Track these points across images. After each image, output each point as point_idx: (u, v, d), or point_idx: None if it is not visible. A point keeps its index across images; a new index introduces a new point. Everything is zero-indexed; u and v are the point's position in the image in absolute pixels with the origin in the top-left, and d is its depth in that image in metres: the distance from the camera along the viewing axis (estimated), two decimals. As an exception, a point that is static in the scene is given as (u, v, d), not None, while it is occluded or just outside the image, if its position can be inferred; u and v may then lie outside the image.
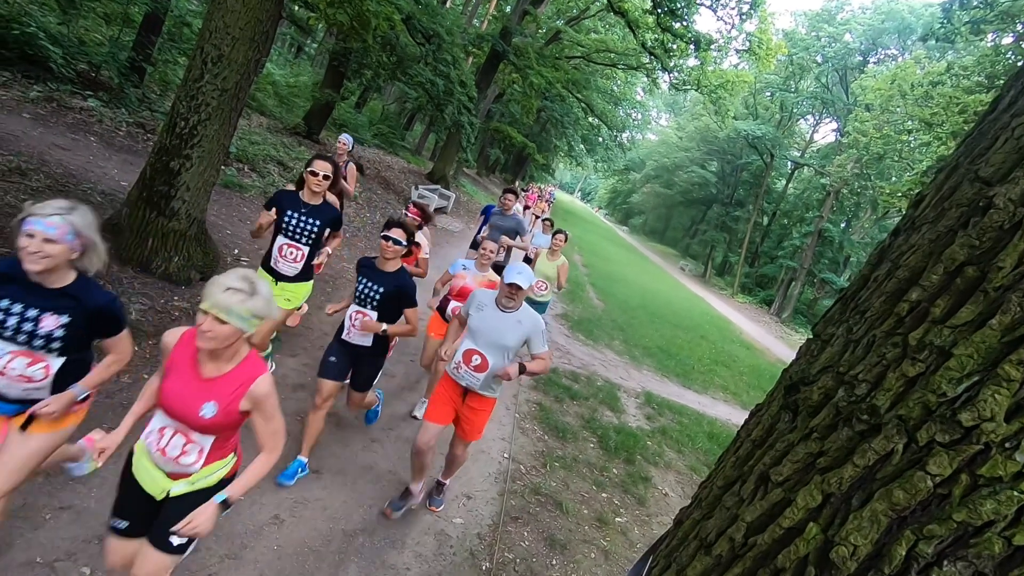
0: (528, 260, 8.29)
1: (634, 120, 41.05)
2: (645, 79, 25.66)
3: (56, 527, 2.52)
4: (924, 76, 21.39)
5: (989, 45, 17.22)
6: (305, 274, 3.81)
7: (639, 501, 4.76)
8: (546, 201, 23.82)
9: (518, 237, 6.75)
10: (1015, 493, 0.80)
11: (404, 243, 3.24)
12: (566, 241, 6.38)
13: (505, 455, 4.68)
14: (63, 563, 2.38)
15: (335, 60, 14.40)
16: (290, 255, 3.66)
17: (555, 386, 6.46)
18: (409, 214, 4.57)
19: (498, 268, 6.70)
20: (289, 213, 3.60)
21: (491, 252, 4.25)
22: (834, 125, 35.59)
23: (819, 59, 32.91)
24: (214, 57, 4.66)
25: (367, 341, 3.38)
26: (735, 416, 8.45)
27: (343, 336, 3.40)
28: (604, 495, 4.64)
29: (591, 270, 18.21)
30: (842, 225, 33.88)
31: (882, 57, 32.64)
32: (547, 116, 30.76)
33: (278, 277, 3.70)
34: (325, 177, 3.61)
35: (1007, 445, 0.83)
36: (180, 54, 10.48)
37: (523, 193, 20.99)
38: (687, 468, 5.78)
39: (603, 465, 5.11)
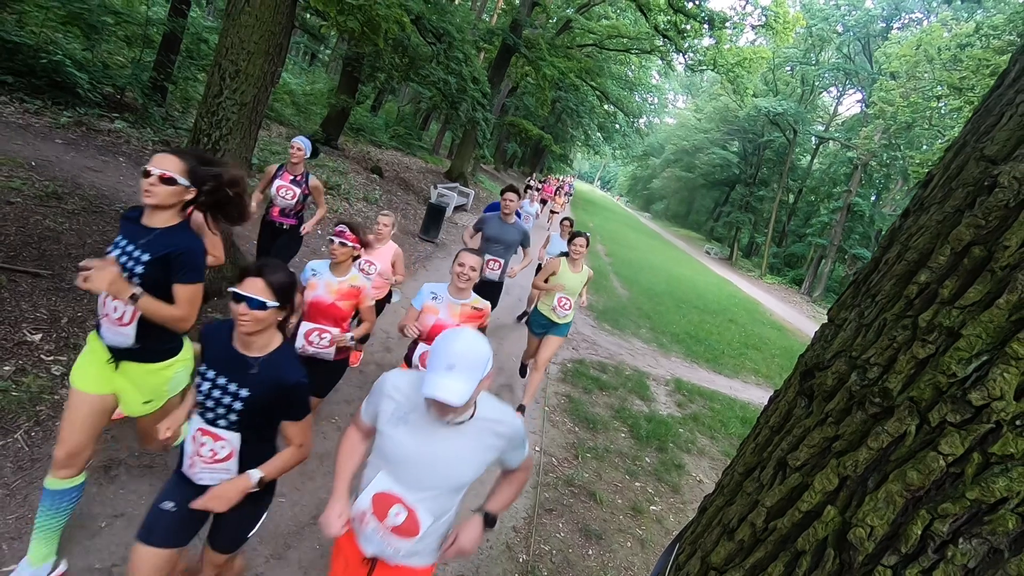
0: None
1: (651, 104, 40.58)
2: (660, 62, 25.42)
3: (112, 534, 2.65)
4: (951, 39, 20.68)
5: (1020, 1, 16.54)
6: (157, 348, 2.30)
7: (673, 489, 4.76)
8: (565, 194, 23.11)
9: (521, 251, 5.58)
10: (1026, 470, 0.82)
11: (274, 304, 1.82)
12: (588, 244, 5.06)
13: (536, 448, 4.73)
14: (120, 568, 2.50)
15: (349, 65, 14.58)
16: (114, 313, 2.17)
17: (583, 377, 6.48)
18: (347, 242, 3.17)
19: (495, 288, 5.49)
20: (116, 242, 2.20)
21: (471, 269, 3.04)
22: (859, 96, 34.64)
23: (840, 28, 32.01)
24: (231, 72, 4.77)
25: (226, 475, 1.92)
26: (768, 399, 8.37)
27: (185, 469, 1.94)
28: (637, 484, 4.66)
29: (614, 258, 18.12)
30: (872, 198, 33.03)
31: (906, 22, 31.59)
32: (562, 107, 30.62)
33: (114, 353, 2.25)
34: (166, 180, 2.09)
35: (1018, 423, 0.84)
36: (199, 70, 10.74)
37: (540, 186, 20.72)
38: (721, 454, 5.76)
39: (635, 454, 5.12)
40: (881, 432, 0.97)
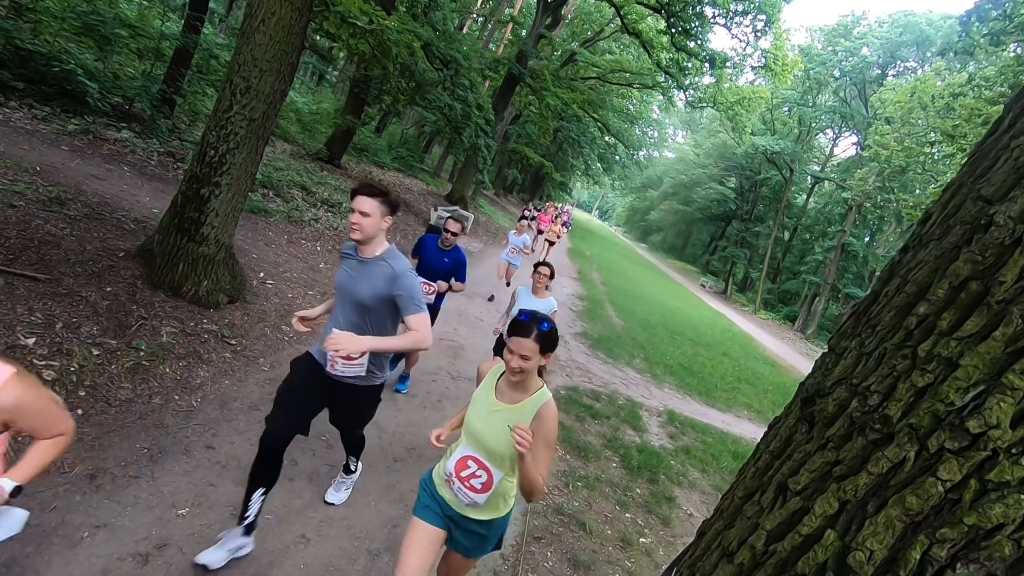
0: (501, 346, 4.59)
1: (650, 138, 41.35)
2: (661, 97, 25.97)
3: (92, 545, 2.59)
4: (945, 88, 21.21)
5: (1011, 55, 17.04)
6: None
7: (663, 521, 4.72)
8: (563, 223, 22.81)
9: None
10: (1022, 497, 0.84)
11: None
12: (552, 350, 2.17)
13: (527, 474, 4.69)
14: (102, 580, 2.45)
15: (356, 87, 14.79)
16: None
17: (576, 405, 6.46)
18: None
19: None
20: None
21: None
22: (854, 139, 35.38)
23: (837, 73, 32.84)
24: (243, 89, 4.84)
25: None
26: (760, 434, 8.33)
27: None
28: (628, 515, 4.61)
29: (610, 288, 18.20)
30: (866, 239, 33.48)
31: (901, 70, 32.48)
32: (563, 136, 31.08)
33: None
34: None
35: (1013, 451, 0.86)
36: (208, 85, 10.88)
37: (536, 214, 20.67)
38: (712, 487, 5.71)
39: (626, 485, 5.08)
40: (881, 458, 1.00)
